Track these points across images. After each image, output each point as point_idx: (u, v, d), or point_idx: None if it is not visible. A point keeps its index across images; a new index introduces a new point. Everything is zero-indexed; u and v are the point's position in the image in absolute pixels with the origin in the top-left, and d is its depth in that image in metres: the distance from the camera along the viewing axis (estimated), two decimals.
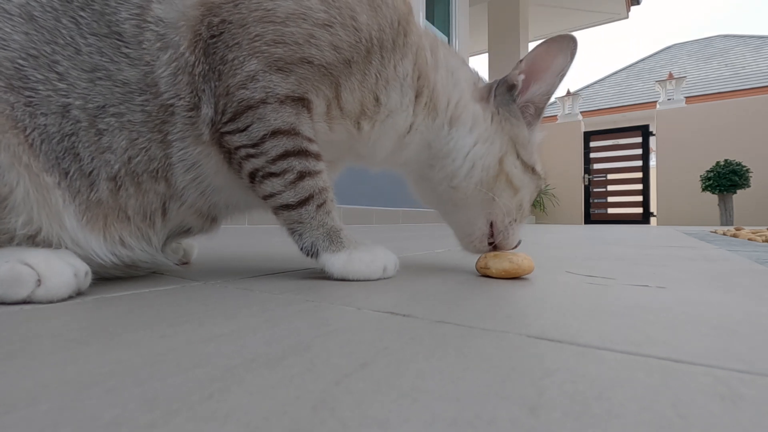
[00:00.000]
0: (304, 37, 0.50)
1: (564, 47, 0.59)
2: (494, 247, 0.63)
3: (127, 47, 0.47)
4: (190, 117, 0.50)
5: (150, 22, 0.48)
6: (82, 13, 0.46)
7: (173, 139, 0.50)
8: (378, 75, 0.55)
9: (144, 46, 0.48)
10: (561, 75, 0.61)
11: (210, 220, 0.59)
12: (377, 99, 0.56)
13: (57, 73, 0.45)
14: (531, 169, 0.63)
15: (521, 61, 0.61)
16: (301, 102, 0.51)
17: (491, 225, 0.63)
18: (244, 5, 0.49)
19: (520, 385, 0.22)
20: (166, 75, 0.48)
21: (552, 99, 0.76)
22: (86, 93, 0.46)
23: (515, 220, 0.63)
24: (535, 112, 0.64)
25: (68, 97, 0.45)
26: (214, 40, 0.49)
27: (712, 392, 0.21)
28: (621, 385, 0.22)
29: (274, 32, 0.49)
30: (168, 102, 0.49)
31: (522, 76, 0.61)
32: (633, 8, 6.52)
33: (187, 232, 0.58)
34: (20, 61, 0.44)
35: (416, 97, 0.58)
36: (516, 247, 0.64)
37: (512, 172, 0.61)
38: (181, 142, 0.50)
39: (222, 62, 0.49)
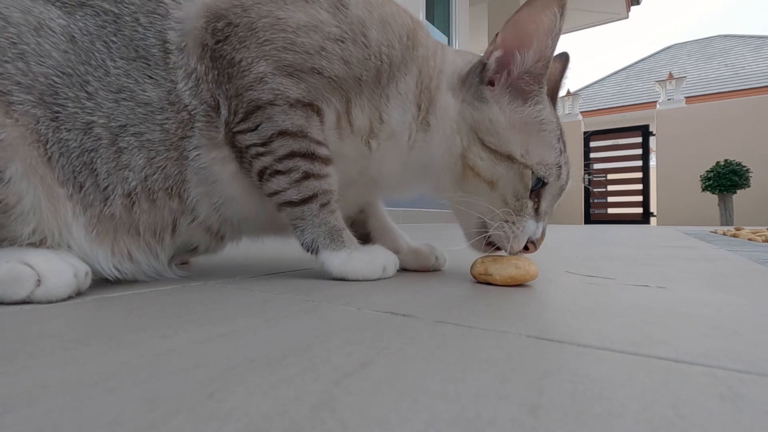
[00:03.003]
0: (315, 49, 0.51)
1: (548, 3, 0.50)
2: (497, 248, 0.57)
3: (153, 69, 0.49)
4: (207, 123, 0.51)
5: (169, 43, 0.50)
6: (113, 38, 0.48)
7: (190, 148, 0.51)
8: (384, 93, 0.54)
9: (170, 66, 0.49)
10: (552, 35, 0.51)
11: (218, 238, 0.59)
12: (381, 118, 0.55)
13: (87, 92, 0.46)
14: (507, 157, 0.53)
15: (498, 33, 0.53)
16: (311, 107, 0.52)
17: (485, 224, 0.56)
18: (254, 11, 0.50)
19: (520, 385, 0.22)
20: (188, 88, 0.50)
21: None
22: (111, 112, 0.47)
23: (509, 221, 0.54)
24: (533, 80, 0.55)
25: (93, 115, 0.47)
26: (220, 44, 0.50)
27: (712, 392, 0.21)
28: (621, 385, 0.22)
29: (285, 40, 0.50)
30: (192, 112, 0.50)
31: (498, 52, 0.54)
32: (633, 8, 6.51)
33: (193, 251, 0.59)
34: (55, 78, 0.45)
35: (417, 111, 0.56)
36: (529, 249, 0.56)
37: (478, 165, 0.54)
38: (197, 150, 0.51)
39: (230, 65, 0.50)
